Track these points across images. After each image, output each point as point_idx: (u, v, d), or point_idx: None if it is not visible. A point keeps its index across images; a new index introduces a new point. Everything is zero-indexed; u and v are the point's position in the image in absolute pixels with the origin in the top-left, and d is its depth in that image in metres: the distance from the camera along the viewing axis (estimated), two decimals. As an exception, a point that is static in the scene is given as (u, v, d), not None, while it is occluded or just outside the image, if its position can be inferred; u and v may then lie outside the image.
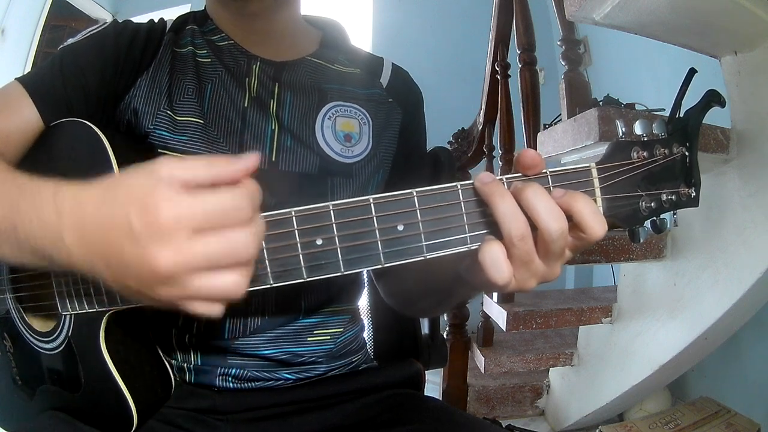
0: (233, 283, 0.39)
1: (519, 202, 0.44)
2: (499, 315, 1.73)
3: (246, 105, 0.72)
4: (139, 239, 0.37)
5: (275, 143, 0.71)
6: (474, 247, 0.46)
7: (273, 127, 0.72)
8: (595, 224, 0.44)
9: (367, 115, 0.77)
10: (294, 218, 0.45)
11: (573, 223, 0.45)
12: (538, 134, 1.59)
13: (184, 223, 0.37)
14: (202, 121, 0.69)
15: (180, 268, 0.38)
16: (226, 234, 0.38)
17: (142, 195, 0.38)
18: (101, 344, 0.57)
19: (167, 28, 0.75)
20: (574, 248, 0.47)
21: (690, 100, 0.50)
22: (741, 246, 1.31)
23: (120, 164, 0.59)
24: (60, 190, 0.43)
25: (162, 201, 0.37)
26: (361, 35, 3.61)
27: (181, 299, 0.40)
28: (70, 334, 0.61)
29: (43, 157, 0.66)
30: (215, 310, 0.41)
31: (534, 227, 0.44)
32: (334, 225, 0.45)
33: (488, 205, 0.45)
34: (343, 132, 0.75)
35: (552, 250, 0.45)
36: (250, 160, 0.40)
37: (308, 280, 0.46)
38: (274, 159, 0.71)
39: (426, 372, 0.90)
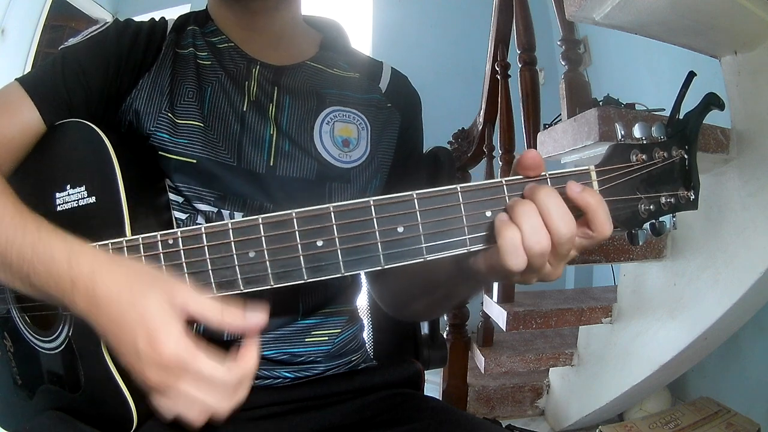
0: (197, 416, 0.47)
1: (532, 201, 0.45)
2: (499, 315, 1.73)
3: (245, 109, 0.72)
4: (140, 358, 0.45)
5: (273, 148, 0.71)
6: (474, 248, 0.46)
7: (271, 132, 0.72)
8: (606, 224, 0.46)
9: (366, 120, 0.77)
10: (295, 220, 0.45)
11: (584, 220, 0.46)
12: (538, 134, 1.59)
13: (180, 367, 0.45)
14: (201, 125, 0.69)
15: (165, 389, 0.46)
16: (205, 396, 0.46)
17: (153, 326, 0.45)
18: (102, 344, 0.57)
19: (169, 28, 0.74)
20: (581, 247, 0.49)
21: (690, 101, 0.50)
22: (741, 246, 1.31)
23: (121, 165, 0.59)
24: (73, 260, 0.49)
25: (168, 340, 0.45)
26: (361, 35, 3.61)
27: (161, 395, 0.47)
28: (70, 333, 0.61)
29: (46, 158, 0.66)
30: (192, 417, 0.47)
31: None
32: (334, 226, 0.45)
33: (512, 216, 0.46)
34: (341, 137, 0.75)
35: (559, 252, 0.46)
36: (258, 319, 0.47)
37: (309, 281, 0.46)
38: (272, 164, 0.71)
39: (426, 372, 0.90)
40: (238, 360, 0.47)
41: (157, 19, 0.75)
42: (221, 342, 0.69)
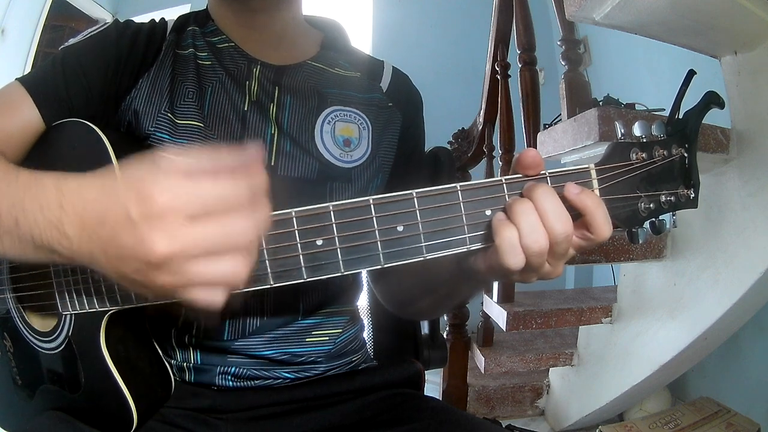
0: (232, 269, 0.39)
1: (529, 200, 0.45)
2: (499, 315, 1.73)
3: (246, 108, 0.71)
4: (136, 226, 0.38)
5: (275, 147, 0.71)
6: (474, 247, 0.46)
7: (272, 131, 0.72)
8: (604, 226, 0.46)
9: (367, 120, 0.77)
10: (294, 219, 0.45)
11: (582, 222, 0.46)
12: (538, 134, 1.59)
13: (180, 209, 0.38)
14: (202, 125, 0.69)
15: (176, 253, 0.38)
16: (223, 220, 0.39)
17: (140, 183, 0.38)
18: (101, 344, 0.57)
19: (169, 29, 0.74)
20: (579, 248, 0.49)
21: (690, 101, 0.50)
22: (741, 246, 1.31)
23: (120, 165, 0.59)
24: (63, 182, 0.43)
25: (158, 188, 0.38)
26: (361, 35, 3.61)
27: (179, 287, 0.40)
28: (70, 333, 0.61)
29: (44, 158, 0.66)
30: (216, 298, 0.40)
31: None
32: (334, 225, 0.45)
33: (509, 214, 0.46)
34: (342, 137, 0.75)
35: (556, 251, 0.46)
36: (254, 153, 0.41)
37: (308, 280, 0.46)
38: (273, 163, 0.71)
39: (426, 372, 0.90)
40: (239, 172, 0.40)
41: (157, 20, 0.75)
42: (220, 347, 0.70)
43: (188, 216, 0.38)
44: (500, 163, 1.92)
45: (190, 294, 0.40)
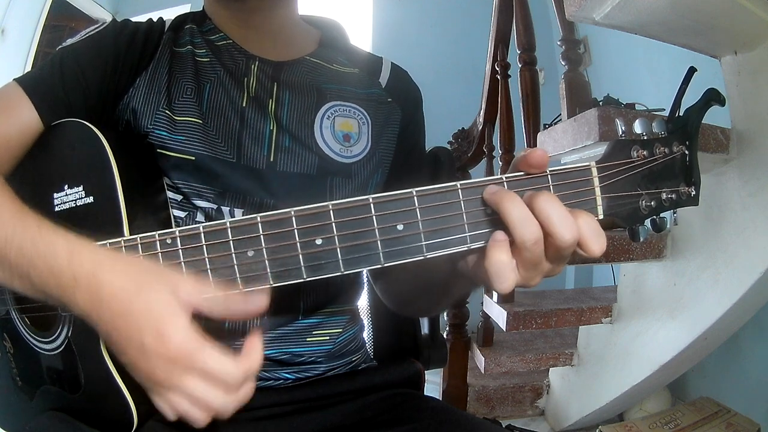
0: (198, 419, 0.47)
1: (532, 210, 0.44)
2: (499, 315, 1.73)
3: (245, 105, 0.71)
4: (146, 352, 0.45)
5: (274, 143, 0.71)
6: (474, 246, 0.46)
7: (271, 127, 0.72)
8: (595, 245, 0.45)
9: (366, 115, 0.77)
10: (293, 218, 0.45)
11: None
12: (538, 134, 1.59)
13: (187, 361, 0.45)
14: (200, 121, 0.69)
15: (170, 385, 0.46)
16: (211, 392, 0.46)
17: (160, 318, 0.45)
18: (101, 344, 0.57)
19: (166, 28, 0.74)
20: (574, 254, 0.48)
21: (690, 101, 0.50)
22: (741, 246, 1.31)
23: (119, 165, 0.59)
24: (75, 257, 0.48)
25: (176, 332, 0.44)
26: (361, 35, 3.61)
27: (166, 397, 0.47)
28: (70, 334, 0.61)
29: (43, 158, 0.66)
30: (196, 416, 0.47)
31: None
32: (333, 225, 0.45)
33: (499, 212, 0.44)
34: (342, 132, 0.75)
35: (562, 255, 0.45)
36: (260, 301, 0.47)
37: (308, 279, 0.46)
38: (272, 159, 0.71)
39: (426, 372, 0.90)
40: (243, 355, 0.47)
41: (155, 20, 0.75)
42: (220, 346, 0.70)
43: (190, 368, 0.45)
44: (500, 163, 1.92)
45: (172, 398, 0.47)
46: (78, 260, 0.47)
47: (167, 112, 0.68)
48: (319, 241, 0.45)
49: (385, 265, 0.46)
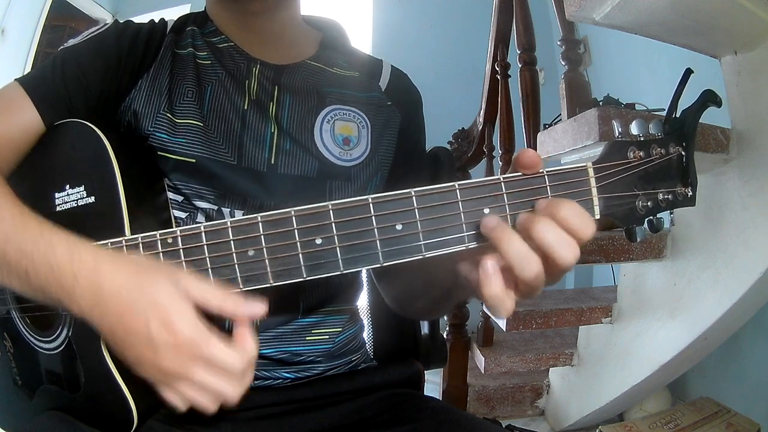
0: (207, 406, 0.48)
1: (529, 235, 0.44)
2: (499, 315, 1.72)
3: (246, 107, 0.72)
4: (155, 346, 0.45)
5: (274, 146, 0.71)
6: (472, 245, 0.46)
7: (272, 130, 0.72)
8: (586, 229, 0.45)
9: (366, 119, 0.77)
10: (293, 218, 0.45)
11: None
12: (538, 134, 1.59)
13: (194, 350, 0.45)
14: (201, 124, 0.69)
15: (179, 375, 0.46)
16: (218, 380, 0.47)
17: (166, 309, 0.45)
18: (102, 344, 0.57)
19: (168, 29, 0.75)
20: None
21: (689, 101, 0.50)
22: (741, 246, 1.31)
23: (120, 165, 0.59)
24: (75, 255, 0.48)
25: (183, 322, 0.45)
26: (361, 35, 3.62)
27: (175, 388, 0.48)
28: (70, 333, 0.61)
29: (45, 158, 0.66)
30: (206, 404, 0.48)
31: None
32: (333, 224, 0.45)
33: (498, 250, 0.45)
34: (341, 135, 0.75)
35: (564, 272, 0.46)
36: (257, 308, 0.47)
37: (308, 279, 0.46)
38: (273, 162, 0.71)
39: (426, 372, 0.90)
40: (238, 345, 0.47)
41: (156, 21, 0.76)
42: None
43: (196, 357, 0.45)
44: (500, 163, 1.92)
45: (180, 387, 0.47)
46: (78, 259, 0.47)
47: (168, 114, 0.68)
48: (318, 241, 0.45)
49: (384, 264, 0.46)
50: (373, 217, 0.45)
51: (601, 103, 1.67)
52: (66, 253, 0.48)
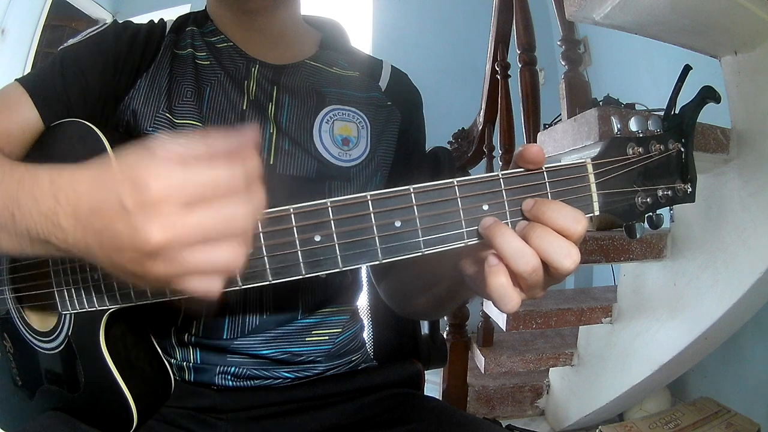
0: (227, 256, 0.39)
1: (528, 242, 0.44)
2: (499, 315, 1.73)
3: (244, 108, 0.72)
4: (130, 215, 0.37)
5: (273, 146, 0.71)
6: (471, 242, 0.47)
7: (271, 131, 0.72)
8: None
9: (366, 119, 0.77)
10: (292, 215, 0.45)
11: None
12: (538, 134, 1.60)
13: (175, 197, 0.37)
14: (200, 124, 0.69)
15: (171, 241, 0.37)
16: (219, 206, 0.38)
17: (134, 172, 0.37)
18: (101, 343, 0.57)
19: (167, 29, 0.75)
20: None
21: (688, 99, 0.50)
22: (741, 246, 1.31)
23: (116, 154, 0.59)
24: (57, 175, 0.43)
25: (152, 176, 0.36)
26: (361, 35, 3.62)
27: (175, 276, 0.39)
28: (70, 333, 0.61)
29: (43, 158, 0.66)
30: (212, 286, 0.40)
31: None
32: (332, 221, 0.45)
33: (494, 248, 0.45)
34: (341, 136, 0.75)
35: (563, 276, 0.46)
36: (249, 134, 0.39)
37: (307, 276, 0.46)
38: (272, 162, 0.71)
39: (426, 372, 0.90)
40: (232, 157, 0.39)
41: (156, 21, 0.76)
42: (220, 345, 0.70)
43: (183, 203, 0.37)
44: (500, 162, 1.92)
45: (187, 283, 0.39)
46: (57, 176, 0.42)
47: (167, 114, 0.68)
48: (317, 238, 0.45)
49: (383, 261, 0.46)
50: (372, 214, 0.45)
51: (601, 103, 1.67)
52: (47, 179, 0.43)
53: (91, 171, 0.41)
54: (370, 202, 0.45)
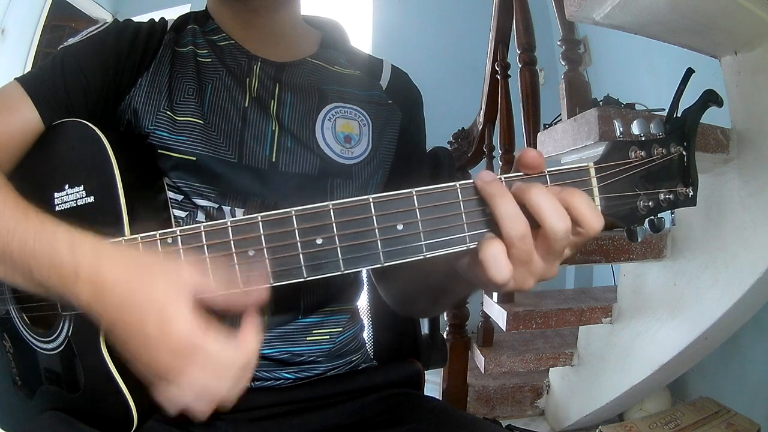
0: (206, 408, 0.47)
1: (522, 202, 0.44)
2: (499, 315, 1.73)
3: (246, 105, 0.72)
4: (149, 343, 0.45)
5: (275, 144, 0.71)
6: (473, 246, 0.46)
7: (273, 128, 0.72)
8: (593, 218, 0.44)
9: (367, 117, 0.77)
10: (294, 218, 0.45)
11: (571, 219, 0.45)
12: (538, 134, 1.59)
13: (190, 349, 0.44)
14: (201, 122, 0.69)
15: (173, 375, 0.45)
16: (214, 380, 0.46)
17: (162, 307, 0.44)
18: (101, 344, 0.57)
19: (168, 28, 0.75)
20: (573, 245, 0.47)
21: (689, 101, 0.50)
22: (741, 246, 1.31)
23: (120, 164, 0.59)
24: (77, 248, 0.47)
25: (179, 321, 0.44)
26: (361, 35, 3.62)
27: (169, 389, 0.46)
28: (70, 333, 0.61)
29: (44, 158, 0.66)
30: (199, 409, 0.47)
31: (535, 226, 0.44)
32: (333, 224, 0.45)
33: (489, 205, 0.45)
34: (343, 133, 0.75)
35: (554, 248, 0.45)
36: (260, 294, 0.47)
37: (308, 279, 0.46)
38: (274, 159, 0.71)
39: (426, 372, 0.90)
40: (241, 339, 0.46)
41: (156, 20, 0.76)
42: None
43: (192, 358, 0.44)
44: (500, 163, 1.92)
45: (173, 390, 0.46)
46: (80, 251, 0.47)
47: (168, 112, 0.68)
48: (319, 241, 0.45)
49: (385, 264, 0.46)
50: (374, 217, 0.45)
51: (601, 103, 1.67)
52: (67, 247, 0.47)
53: (117, 266, 0.47)
54: (372, 204, 0.45)
